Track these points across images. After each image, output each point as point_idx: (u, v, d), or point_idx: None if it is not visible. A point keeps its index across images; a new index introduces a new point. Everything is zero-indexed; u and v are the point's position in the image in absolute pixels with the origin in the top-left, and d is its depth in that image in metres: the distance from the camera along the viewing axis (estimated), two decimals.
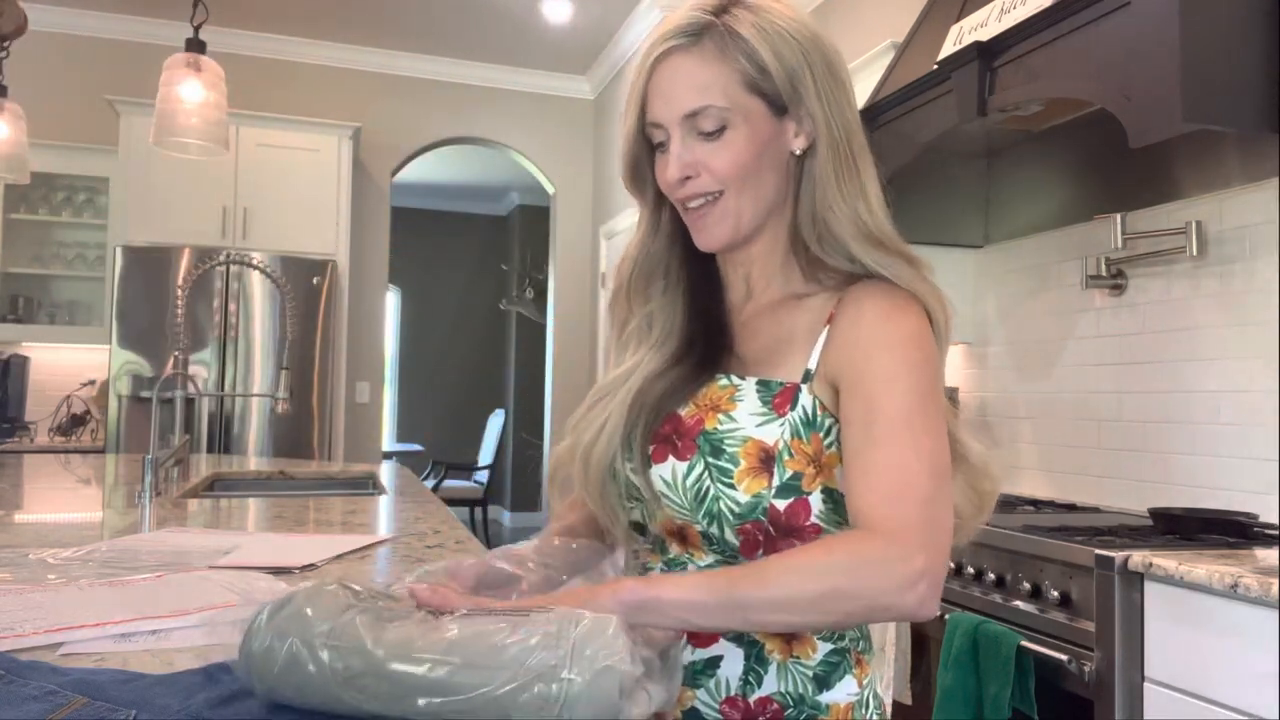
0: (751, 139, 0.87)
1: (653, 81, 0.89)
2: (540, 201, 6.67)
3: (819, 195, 0.89)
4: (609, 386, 0.95)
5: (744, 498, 0.84)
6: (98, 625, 0.87)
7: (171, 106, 2.45)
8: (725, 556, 0.88)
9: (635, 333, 0.97)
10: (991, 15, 2.17)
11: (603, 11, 4.64)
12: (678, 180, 0.89)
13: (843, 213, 0.89)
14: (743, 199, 0.89)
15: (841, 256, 0.90)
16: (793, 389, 0.87)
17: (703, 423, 0.88)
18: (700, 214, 0.91)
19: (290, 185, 4.51)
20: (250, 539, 1.48)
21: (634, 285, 0.97)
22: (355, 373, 5.04)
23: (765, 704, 0.87)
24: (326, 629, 0.67)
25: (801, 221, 0.92)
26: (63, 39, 4.66)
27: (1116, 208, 2.33)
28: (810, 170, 0.90)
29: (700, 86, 0.86)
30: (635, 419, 0.90)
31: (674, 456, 0.88)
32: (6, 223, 4.44)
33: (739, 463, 0.85)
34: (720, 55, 0.86)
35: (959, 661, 1.83)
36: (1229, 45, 1.65)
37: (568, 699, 0.62)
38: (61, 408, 4.59)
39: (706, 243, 0.92)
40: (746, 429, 0.86)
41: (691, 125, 0.87)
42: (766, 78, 0.87)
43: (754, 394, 0.88)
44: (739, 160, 0.87)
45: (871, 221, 0.89)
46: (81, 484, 2.40)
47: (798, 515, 0.85)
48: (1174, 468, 2.21)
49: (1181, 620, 1.53)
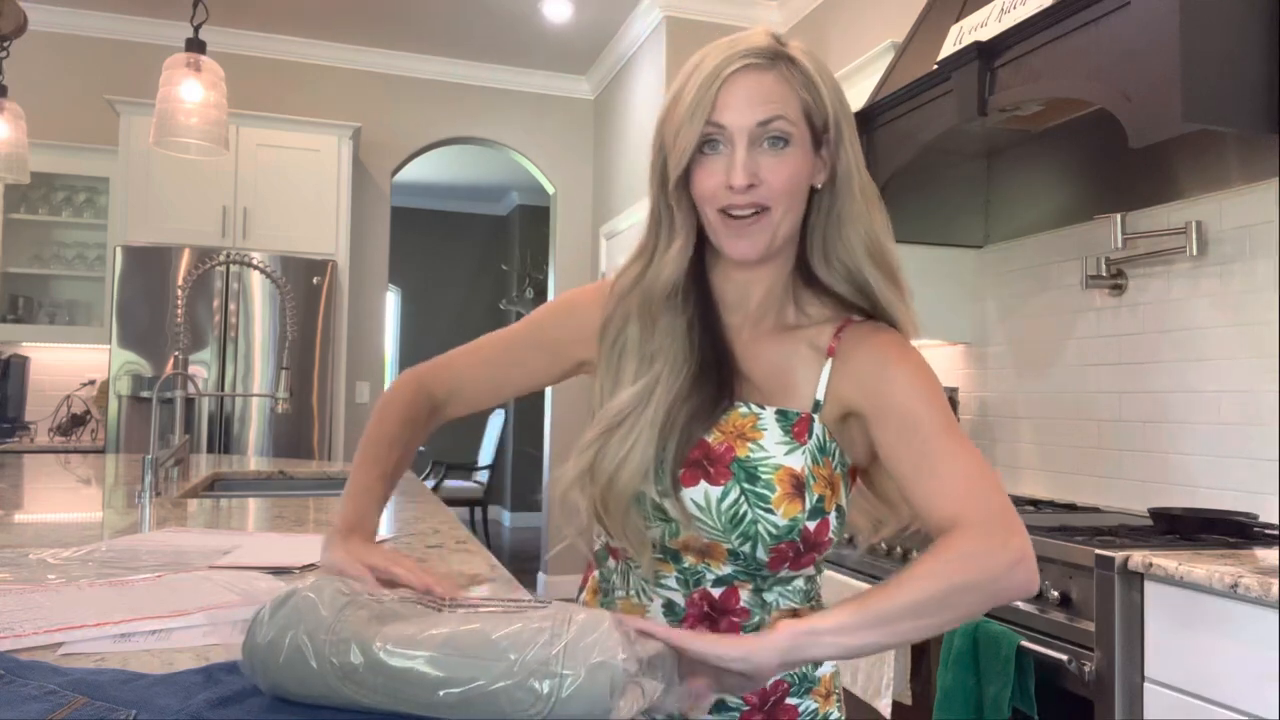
0: (805, 161, 0.94)
1: (726, 91, 0.92)
2: (540, 201, 6.68)
3: (841, 223, 0.97)
4: (626, 409, 0.95)
5: (783, 521, 0.91)
6: (98, 625, 0.87)
7: (171, 106, 2.45)
8: (748, 570, 0.94)
9: (637, 348, 0.98)
10: (991, 15, 2.17)
11: (603, 11, 4.64)
12: (744, 185, 0.91)
13: (867, 240, 0.97)
14: (785, 218, 0.94)
15: (843, 280, 0.99)
16: (807, 419, 0.95)
17: (733, 450, 0.93)
18: (745, 224, 0.93)
19: (290, 185, 4.51)
20: (250, 539, 1.48)
21: (656, 300, 0.97)
22: (355, 373, 5.04)
23: (777, 684, 0.96)
24: (327, 624, 0.68)
25: (811, 243, 0.99)
26: (63, 39, 4.66)
27: (1116, 208, 2.33)
28: (825, 201, 0.97)
29: (777, 99, 0.92)
30: (665, 443, 0.93)
31: (706, 481, 0.93)
32: (6, 223, 4.44)
33: (775, 489, 0.91)
34: (789, 80, 0.93)
35: (959, 661, 1.83)
36: (1229, 45, 1.65)
37: (560, 695, 0.63)
38: (61, 408, 4.59)
39: (745, 251, 0.94)
40: (776, 457, 0.93)
41: (760, 135, 0.91)
42: (819, 112, 0.94)
43: (775, 423, 0.95)
44: (795, 177, 0.93)
45: (890, 252, 0.99)
46: (81, 484, 2.40)
47: (822, 533, 0.93)
48: (1174, 468, 2.21)
49: (1181, 620, 1.53)
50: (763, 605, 0.96)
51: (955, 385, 2.95)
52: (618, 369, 0.98)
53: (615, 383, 0.98)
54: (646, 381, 0.96)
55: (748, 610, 0.96)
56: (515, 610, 0.69)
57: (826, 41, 3.92)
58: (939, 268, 2.85)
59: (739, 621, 0.96)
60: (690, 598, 0.96)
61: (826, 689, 1.01)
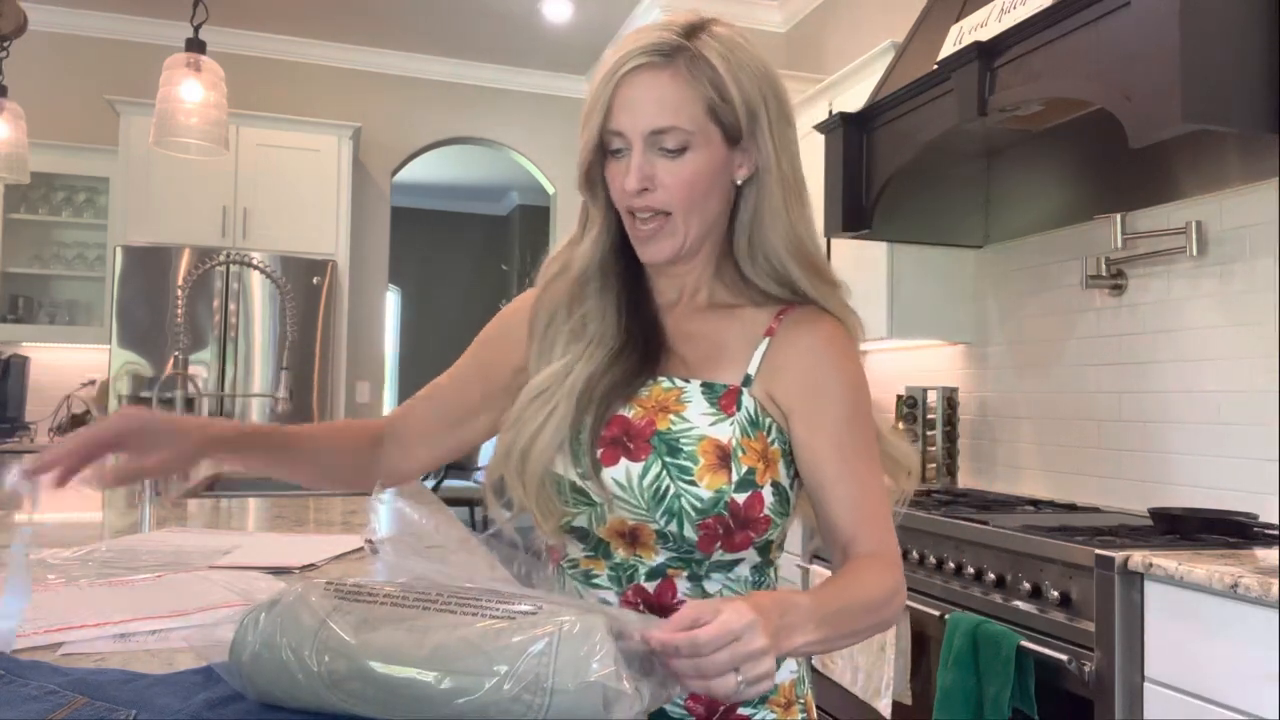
0: (708, 163, 0.91)
1: (620, 93, 0.90)
2: (540, 201, 6.67)
3: (762, 221, 0.94)
4: (545, 384, 0.94)
5: (706, 494, 0.87)
6: (98, 625, 0.87)
7: (171, 106, 2.45)
8: (680, 553, 0.89)
9: (567, 332, 0.97)
10: (991, 15, 2.17)
11: (603, 11, 4.64)
12: (635, 190, 0.90)
13: (787, 238, 0.94)
14: (690, 220, 0.92)
15: (769, 278, 0.97)
16: (735, 391, 0.92)
17: (654, 424, 0.90)
18: (648, 229, 0.93)
19: (290, 185, 4.50)
20: (250, 539, 1.48)
21: (576, 284, 0.98)
22: (355, 373, 5.04)
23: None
24: (312, 633, 0.67)
25: (737, 243, 0.97)
26: (63, 39, 4.66)
27: (1116, 208, 2.33)
28: (750, 198, 0.95)
29: (670, 106, 0.88)
30: (581, 417, 0.91)
31: (626, 458, 0.89)
32: (6, 223, 4.44)
33: (698, 460, 0.87)
34: (689, 79, 0.89)
35: (959, 661, 1.83)
36: (1229, 45, 1.65)
37: (552, 709, 0.63)
38: (61, 408, 4.59)
39: (651, 256, 0.94)
40: (700, 428, 0.89)
41: (655, 141, 0.90)
42: (728, 108, 0.90)
43: (700, 395, 0.92)
44: (694, 182, 0.90)
45: (813, 248, 0.96)
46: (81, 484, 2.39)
47: (754, 507, 0.88)
48: (1174, 468, 2.21)
49: (1181, 620, 1.53)
50: (703, 595, 0.90)
51: (955, 385, 2.95)
52: (549, 353, 0.97)
53: (546, 364, 0.97)
54: (569, 358, 0.95)
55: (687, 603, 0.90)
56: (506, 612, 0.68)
57: (826, 42, 3.92)
58: (939, 268, 2.85)
59: None
60: (624, 595, 0.91)
61: (786, 698, 0.93)
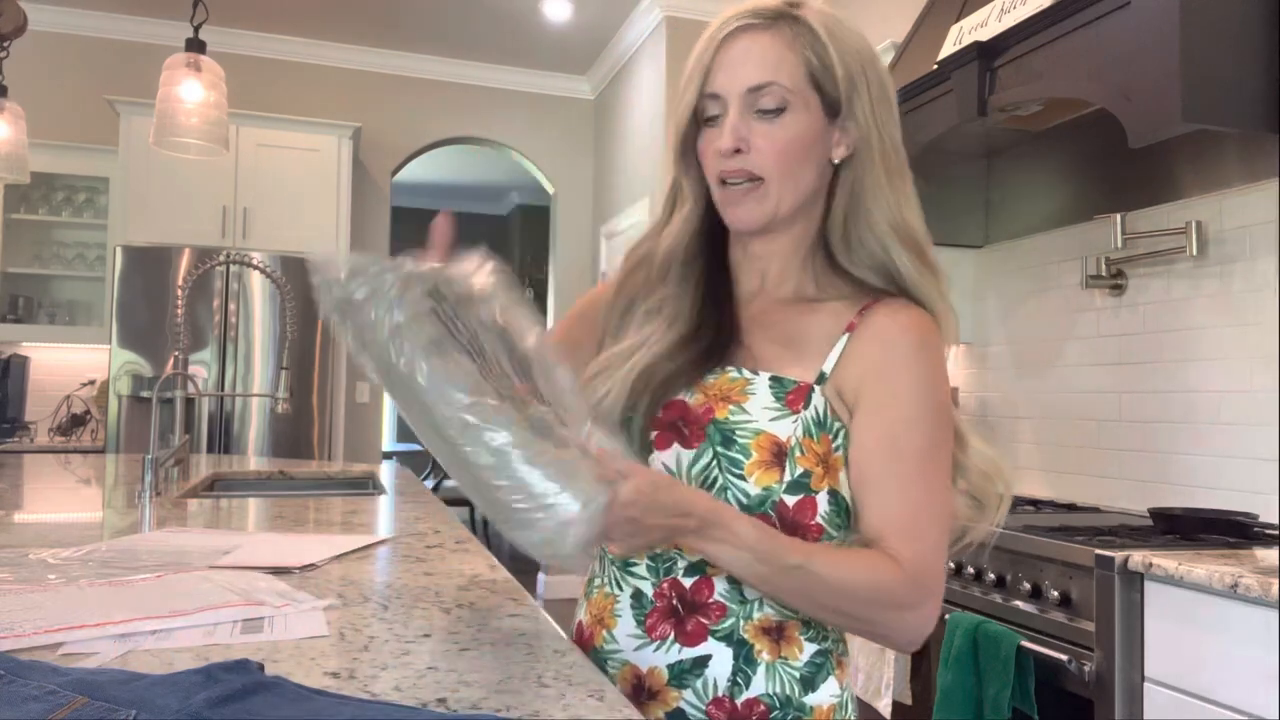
0: (806, 129, 0.88)
1: (721, 54, 0.89)
2: (540, 201, 6.67)
3: (862, 200, 0.90)
4: (610, 361, 0.93)
5: (754, 490, 0.84)
6: (98, 625, 0.87)
7: (171, 106, 2.45)
8: None
9: (642, 313, 0.96)
10: (991, 15, 2.17)
11: (603, 11, 4.64)
12: (729, 149, 0.88)
13: (890, 215, 0.90)
14: (784, 189, 0.89)
15: (867, 265, 0.92)
16: (806, 388, 0.87)
17: (713, 412, 0.87)
18: (739, 193, 0.90)
19: (290, 185, 4.51)
20: (250, 539, 1.48)
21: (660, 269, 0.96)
22: (355, 373, 5.03)
23: (753, 705, 0.86)
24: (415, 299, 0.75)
25: (831, 226, 0.93)
26: (63, 39, 4.66)
27: (1116, 208, 2.33)
28: (848, 178, 0.91)
29: (771, 63, 0.87)
30: (638, 398, 0.89)
31: (680, 444, 0.87)
32: (6, 223, 4.44)
33: (750, 454, 0.84)
34: (791, 42, 0.87)
35: (959, 661, 1.83)
36: (1229, 45, 1.65)
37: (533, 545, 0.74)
38: (61, 408, 4.59)
39: (742, 220, 0.91)
40: (759, 422, 0.86)
41: (753, 101, 0.87)
42: (828, 77, 0.88)
43: (767, 389, 0.87)
44: (789, 148, 0.87)
45: (918, 227, 0.92)
46: (81, 484, 2.40)
47: (805, 513, 0.85)
48: (1174, 468, 2.21)
49: (1181, 620, 1.53)
50: (741, 601, 0.87)
51: (955, 385, 2.95)
52: (623, 333, 0.96)
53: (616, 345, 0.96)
54: (638, 338, 0.93)
55: (723, 606, 0.87)
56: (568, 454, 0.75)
57: None
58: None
59: (708, 624, 0.87)
60: (659, 588, 0.88)
61: None
